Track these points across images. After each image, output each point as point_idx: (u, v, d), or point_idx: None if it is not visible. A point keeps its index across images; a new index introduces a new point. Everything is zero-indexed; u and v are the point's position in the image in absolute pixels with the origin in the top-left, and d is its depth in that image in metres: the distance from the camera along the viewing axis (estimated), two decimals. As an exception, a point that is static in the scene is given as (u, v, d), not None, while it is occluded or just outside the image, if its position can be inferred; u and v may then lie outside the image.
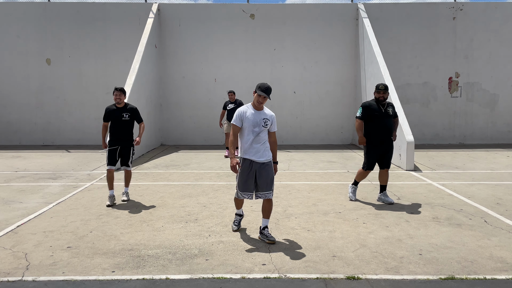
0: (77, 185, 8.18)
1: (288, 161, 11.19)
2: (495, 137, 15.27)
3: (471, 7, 15.08)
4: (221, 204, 6.66)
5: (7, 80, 15.22)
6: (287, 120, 15.26)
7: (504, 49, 15.09)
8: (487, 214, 6.04)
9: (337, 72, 15.23)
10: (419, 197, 7.10)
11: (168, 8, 15.14)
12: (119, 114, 6.69)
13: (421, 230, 5.32)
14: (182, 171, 9.77)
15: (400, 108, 11.03)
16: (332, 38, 15.13)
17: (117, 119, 6.68)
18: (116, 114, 6.69)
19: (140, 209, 6.40)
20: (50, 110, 15.23)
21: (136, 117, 6.89)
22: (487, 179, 8.70)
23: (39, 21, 15.10)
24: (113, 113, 6.71)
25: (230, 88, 13.13)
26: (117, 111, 6.71)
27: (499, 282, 3.84)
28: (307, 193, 7.39)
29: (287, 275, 4.01)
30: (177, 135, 15.26)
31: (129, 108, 6.80)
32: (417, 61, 15.18)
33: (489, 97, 15.28)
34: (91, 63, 15.19)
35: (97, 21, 15.11)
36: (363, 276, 3.96)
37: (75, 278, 3.94)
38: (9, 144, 15.14)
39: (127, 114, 6.73)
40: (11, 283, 3.86)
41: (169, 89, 15.30)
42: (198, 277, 3.96)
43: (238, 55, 15.21)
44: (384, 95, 6.55)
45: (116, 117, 6.68)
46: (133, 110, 6.84)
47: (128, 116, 6.73)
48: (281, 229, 5.38)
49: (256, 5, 15.12)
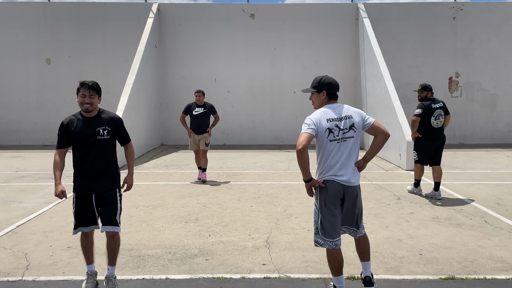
0: (77, 185, 8.17)
1: (288, 161, 11.19)
2: (495, 137, 15.26)
3: (471, 7, 15.08)
4: (221, 204, 6.66)
5: (7, 80, 15.22)
6: (287, 120, 15.26)
7: (504, 49, 15.08)
8: (487, 214, 6.03)
9: (337, 72, 15.19)
10: (419, 197, 7.10)
11: (168, 8, 15.14)
12: (90, 129, 3.65)
13: (421, 230, 5.32)
14: (182, 171, 9.76)
15: (400, 108, 11.03)
16: (332, 38, 15.13)
17: (85, 140, 3.64)
18: (85, 131, 3.64)
19: (140, 209, 6.40)
20: (50, 110, 15.23)
21: (121, 135, 3.85)
22: (487, 179, 8.70)
23: (39, 21, 15.10)
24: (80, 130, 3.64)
25: (228, 88, 12.89)
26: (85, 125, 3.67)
27: (499, 282, 3.84)
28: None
29: (287, 275, 4.00)
30: (177, 135, 15.25)
31: (108, 118, 3.75)
32: (417, 61, 15.17)
33: (489, 97, 15.27)
34: (91, 63, 15.18)
35: (97, 21, 15.11)
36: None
37: (75, 278, 3.93)
38: (9, 144, 15.14)
39: (105, 130, 3.68)
40: (11, 283, 3.86)
41: (169, 89, 15.30)
42: (198, 277, 3.95)
43: (238, 55, 15.21)
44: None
45: (84, 137, 3.64)
46: (117, 122, 3.79)
47: (107, 133, 3.69)
48: (281, 229, 5.38)
49: (256, 5, 15.12)
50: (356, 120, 3.43)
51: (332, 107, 3.47)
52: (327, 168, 3.42)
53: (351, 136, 3.41)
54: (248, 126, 15.33)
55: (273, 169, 9.96)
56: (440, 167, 7.07)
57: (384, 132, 3.48)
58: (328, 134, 3.38)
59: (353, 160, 3.45)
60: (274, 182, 8.43)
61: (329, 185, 3.41)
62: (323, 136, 3.39)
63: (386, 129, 3.54)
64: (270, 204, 6.67)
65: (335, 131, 3.38)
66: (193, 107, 8.57)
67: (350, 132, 3.41)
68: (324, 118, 3.39)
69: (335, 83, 3.55)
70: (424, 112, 6.89)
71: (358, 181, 3.50)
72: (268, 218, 5.86)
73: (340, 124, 3.40)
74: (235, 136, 15.33)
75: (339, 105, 3.50)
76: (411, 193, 7.34)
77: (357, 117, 3.45)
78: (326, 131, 3.37)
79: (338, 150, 3.39)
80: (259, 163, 10.85)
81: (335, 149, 3.39)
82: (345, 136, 3.40)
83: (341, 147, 3.39)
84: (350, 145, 3.41)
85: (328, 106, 3.48)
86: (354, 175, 3.44)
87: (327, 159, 3.41)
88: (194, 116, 8.54)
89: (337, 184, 3.39)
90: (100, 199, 3.69)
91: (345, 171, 3.39)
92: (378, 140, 3.48)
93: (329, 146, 3.39)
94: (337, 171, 3.39)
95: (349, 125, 3.41)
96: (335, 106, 3.49)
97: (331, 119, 3.40)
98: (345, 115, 3.43)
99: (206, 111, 8.57)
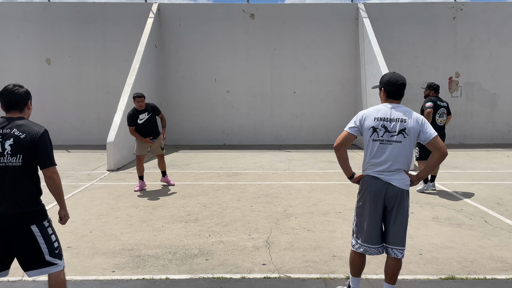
0: (77, 185, 8.18)
1: (288, 161, 11.19)
2: (495, 136, 15.26)
3: (471, 7, 15.07)
4: (221, 204, 6.66)
5: (7, 80, 15.10)
6: (287, 120, 15.26)
7: (504, 49, 15.08)
8: (487, 214, 6.03)
9: (337, 72, 15.22)
10: (419, 197, 7.10)
11: (168, 8, 15.13)
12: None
13: (421, 230, 5.32)
14: (182, 171, 9.76)
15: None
16: (332, 38, 15.12)
17: None
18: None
19: (140, 209, 6.40)
20: (50, 110, 15.22)
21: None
22: (487, 179, 8.70)
23: (39, 21, 15.09)
24: None
25: (228, 88, 12.77)
26: None
27: (499, 282, 3.84)
28: (307, 193, 7.39)
29: (287, 275, 4.00)
30: (177, 135, 15.24)
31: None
32: (417, 61, 15.17)
33: (489, 97, 15.27)
34: (91, 63, 15.18)
35: (97, 21, 15.10)
36: (363, 276, 3.96)
37: (75, 278, 3.93)
38: (9, 144, 15.12)
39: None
40: (11, 283, 3.86)
41: (169, 89, 15.30)
42: (198, 277, 3.96)
43: (238, 55, 15.21)
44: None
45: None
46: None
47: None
48: (281, 229, 5.38)
49: (256, 5, 15.12)
50: (410, 126, 3.20)
51: (389, 106, 3.30)
52: (369, 166, 3.30)
53: (398, 141, 3.20)
54: (248, 126, 15.33)
55: (273, 169, 9.96)
56: None
57: (441, 151, 3.21)
58: (372, 133, 3.25)
59: (398, 165, 3.23)
60: (274, 182, 8.43)
61: (368, 180, 3.28)
62: (367, 134, 3.28)
63: (445, 147, 3.26)
64: (270, 204, 6.67)
65: (380, 131, 3.23)
66: (136, 116, 7.50)
67: (399, 136, 3.20)
68: (373, 115, 3.27)
69: (394, 81, 3.31)
70: (434, 106, 7.31)
71: (404, 186, 3.24)
72: (268, 218, 5.86)
73: (389, 125, 3.22)
74: (235, 136, 15.32)
75: (398, 106, 3.30)
76: (422, 192, 7.44)
77: (413, 123, 3.22)
78: (370, 130, 3.25)
79: (381, 151, 3.24)
80: (259, 163, 10.85)
81: (378, 149, 3.24)
82: (392, 139, 3.21)
83: (385, 149, 3.22)
84: (397, 150, 3.21)
85: (385, 105, 3.33)
86: (398, 179, 3.23)
87: (369, 158, 3.30)
88: (141, 125, 7.53)
89: (378, 180, 3.23)
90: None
91: (387, 173, 3.22)
92: (433, 158, 3.25)
93: (372, 145, 3.27)
94: (379, 168, 3.24)
95: (399, 128, 3.20)
96: (393, 106, 3.30)
97: (380, 119, 3.24)
98: (399, 117, 3.23)
99: (151, 114, 7.65)
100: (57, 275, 3.00)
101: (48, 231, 2.98)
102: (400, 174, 3.24)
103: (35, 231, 2.89)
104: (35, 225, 2.90)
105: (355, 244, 3.37)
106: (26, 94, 3.05)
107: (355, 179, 3.42)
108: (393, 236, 3.27)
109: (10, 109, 3.00)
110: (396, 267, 3.34)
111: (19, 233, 2.86)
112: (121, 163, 10.48)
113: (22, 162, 2.88)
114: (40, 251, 2.91)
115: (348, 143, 3.32)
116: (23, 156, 2.87)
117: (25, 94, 3.04)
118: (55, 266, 2.98)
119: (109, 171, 9.73)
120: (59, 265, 3.01)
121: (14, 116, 2.98)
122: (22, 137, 2.88)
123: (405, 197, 3.27)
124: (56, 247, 3.01)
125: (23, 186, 2.88)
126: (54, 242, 3.01)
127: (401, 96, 3.36)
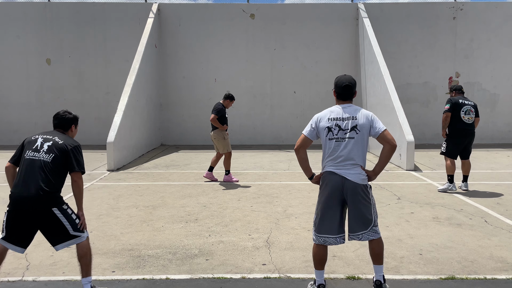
0: (77, 185, 8.17)
1: (288, 161, 11.19)
2: (495, 137, 15.25)
3: (471, 7, 15.07)
4: (221, 204, 6.66)
5: (7, 80, 15.21)
6: (287, 120, 15.25)
7: (504, 49, 15.07)
8: (487, 214, 6.03)
9: (337, 72, 15.00)
10: (419, 197, 7.10)
11: (168, 8, 15.13)
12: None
13: (421, 230, 5.32)
14: (182, 171, 9.76)
15: (400, 108, 11.03)
16: (332, 38, 15.12)
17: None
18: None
19: (140, 209, 6.40)
20: (50, 110, 15.11)
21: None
22: (487, 179, 8.70)
23: (39, 21, 15.09)
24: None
25: (228, 88, 12.83)
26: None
27: (499, 282, 3.84)
28: (307, 193, 7.39)
29: (287, 275, 4.00)
30: (177, 135, 15.25)
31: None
32: (417, 61, 15.16)
33: (489, 97, 15.26)
34: (91, 63, 15.18)
35: (97, 21, 15.10)
36: (363, 276, 3.96)
37: (75, 278, 3.93)
38: (10, 144, 15.11)
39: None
40: (11, 283, 3.86)
41: (169, 89, 15.29)
42: (198, 277, 3.96)
43: (238, 55, 15.21)
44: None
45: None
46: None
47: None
48: (281, 229, 5.38)
49: (256, 5, 15.12)
50: (361, 123, 3.47)
51: (340, 107, 3.57)
52: (327, 162, 3.55)
53: (351, 137, 3.46)
54: (248, 126, 15.32)
55: (273, 169, 9.96)
56: (469, 161, 7.59)
57: (390, 143, 3.46)
58: (327, 132, 3.51)
59: (352, 160, 3.46)
60: (274, 182, 8.43)
61: (328, 175, 3.52)
62: (323, 134, 3.54)
63: (394, 140, 3.49)
64: (270, 204, 6.67)
65: (334, 130, 3.49)
66: (224, 110, 8.79)
67: (351, 133, 3.46)
68: (327, 116, 3.55)
69: (340, 84, 3.58)
70: (451, 106, 7.28)
71: (359, 181, 3.45)
72: (268, 218, 5.86)
73: (342, 124, 3.48)
74: (235, 136, 15.29)
75: (349, 106, 3.57)
76: (444, 192, 7.42)
77: (364, 120, 3.48)
78: (325, 130, 3.51)
79: (336, 148, 3.48)
80: (259, 163, 10.85)
81: (334, 147, 3.49)
82: (345, 136, 3.46)
83: (340, 145, 3.47)
84: (350, 146, 3.46)
85: (337, 106, 3.61)
86: (354, 174, 3.45)
87: (327, 156, 3.55)
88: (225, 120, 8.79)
89: (336, 175, 3.47)
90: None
91: (343, 168, 3.46)
92: (384, 151, 3.51)
93: (328, 144, 3.52)
94: (336, 164, 3.48)
95: (351, 126, 3.46)
96: (343, 106, 3.57)
97: (334, 119, 3.51)
98: (350, 115, 3.49)
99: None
100: (83, 244, 3.54)
101: (68, 212, 3.49)
102: (355, 169, 3.46)
103: (56, 213, 3.41)
104: (56, 208, 3.42)
105: (315, 238, 3.56)
106: (71, 119, 3.77)
107: (315, 179, 3.68)
108: (355, 223, 3.47)
109: (57, 128, 3.75)
110: (377, 248, 3.51)
111: (44, 214, 3.38)
112: (121, 163, 10.48)
113: (52, 160, 3.45)
114: (65, 228, 3.44)
115: (307, 145, 3.60)
116: (54, 156, 3.46)
117: (71, 119, 3.77)
118: (79, 237, 3.52)
119: (109, 171, 9.73)
120: (82, 237, 3.54)
121: (59, 131, 3.71)
122: (59, 143, 3.52)
123: (364, 191, 3.47)
124: (77, 223, 3.52)
125: (49, 179, 3.41)
126: (76, 219, 3.52)
127: (350, 97, 3.61)
